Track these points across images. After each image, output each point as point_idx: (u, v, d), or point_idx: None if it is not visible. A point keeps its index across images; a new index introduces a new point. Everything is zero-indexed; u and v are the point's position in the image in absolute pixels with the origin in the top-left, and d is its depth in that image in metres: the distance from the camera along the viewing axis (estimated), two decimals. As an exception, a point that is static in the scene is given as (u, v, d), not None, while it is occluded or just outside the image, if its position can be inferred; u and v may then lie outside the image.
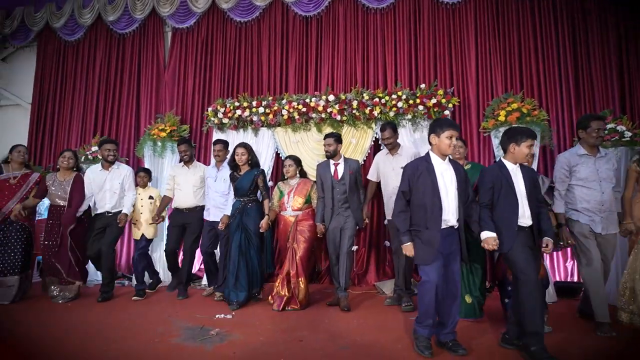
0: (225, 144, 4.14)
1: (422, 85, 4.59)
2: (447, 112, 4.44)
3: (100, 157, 4.30)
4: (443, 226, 2.36)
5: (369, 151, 4.73)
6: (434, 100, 4.44)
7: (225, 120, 4.98)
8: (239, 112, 4.93)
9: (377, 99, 4.58)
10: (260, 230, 3.63)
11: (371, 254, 4.83)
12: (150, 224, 4.16)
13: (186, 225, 4.14)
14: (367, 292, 4.23)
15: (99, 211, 4.08)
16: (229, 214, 3.77)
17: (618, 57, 4.55)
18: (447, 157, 2.48)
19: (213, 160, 4.27)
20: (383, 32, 5.19)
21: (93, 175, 4.11)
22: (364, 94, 4.65)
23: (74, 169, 4.10)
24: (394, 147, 3.66)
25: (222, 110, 4.99)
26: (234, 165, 3.80)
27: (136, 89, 5.94)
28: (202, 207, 4.15)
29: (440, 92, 4.47)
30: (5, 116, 6.51)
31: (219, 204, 3.94)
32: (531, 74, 4.72)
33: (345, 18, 5.33)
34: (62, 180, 4.01)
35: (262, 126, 4.95)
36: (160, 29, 6.01)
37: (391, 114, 4.53)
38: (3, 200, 3.75)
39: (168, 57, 5.92)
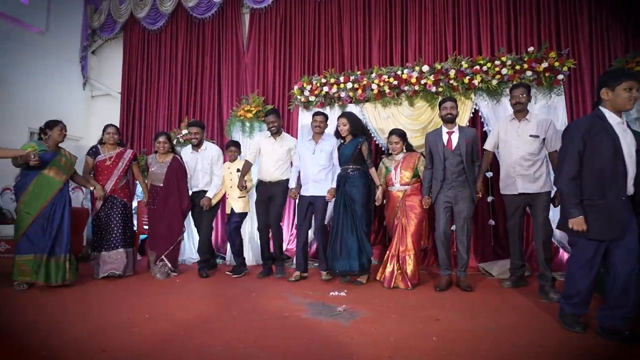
0: (326, 116, 3.98)
1: (531, 48, 4.16)
2: (560, 77, 3.99)
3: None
4: (625, 195, 2.04)
5: (468, 124, 4.40)
6: (545, 64, 3.99)
7: (312, 98, 4.87)
8: (325, 88, 4.78)
9: (477, 67, 4.22)
10: (376, 204, 3.49)
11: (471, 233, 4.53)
12: (239, 197, 4.16)
13: (271, 198, 4.01)
14: (469, 274, 3.94)
15: (194, 190, 4.18)
16: (335, 187, 3.67)
17: None
18: (623, 116, 2.15)
19: (304, 137, 4.16)
20: (477, -4, 4.78)
21: (185, 157, 4.24)
22: (462, 62, 4.31)
23: (171, 150, 4.19)
24: (522, 111, 3.28)
25: (309, 87, 4.88)
26: (338, 136, 3.75)
27: (217, 72, 6.01)
28: (287, 181, 4.02)
29: (553, 54, 4.01)
30: (98, 106, 6.89)
31: (318, 178, 3.79)
32: (659, 30, 4.11)
33: (433, -16, 4.97)
34: (162, 162, 4.11)
35: (350, 102, 4.77)
36: (238, 11, 6.00)
37: (494, 82, 4.15)
38: (103, 180, 3.89)
39: (247, 39, 5.90)
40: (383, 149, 4.52)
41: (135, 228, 4.44)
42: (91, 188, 3.85)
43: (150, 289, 3.33)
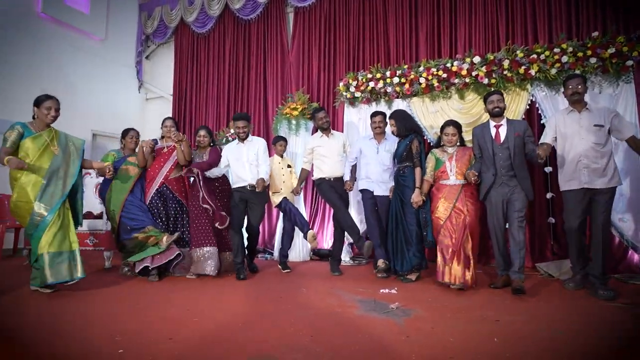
0: (384, 115, 3.92)
1: (595, 33, 3.87)
2: (630, 63, 3.68)
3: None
4: None
5: (523, 116, 4.17)
6: (611, 50, 3.70)
7: (358, 94, 4.83)
8: (371, 84, 4.73)
9: (534, 56, 3.99)
10: (413, 206, 3.40)
11: (525, 231, 4.31)
12: (291, 192, 4.21)
13: (342, 194, 3.99)
14: (526, 274, 3.72)
15: (238, 184, 4.04)
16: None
17: None
18: None
19: (366, 133, 4.08)
20: (532, -20, 4.51)
21: (230, 148, 4.14)
22: (517, 51, 4.09)
23: (211, 144, 4.24)
24: (580, 102, 3.08)
25: (354, 83, 4.84)
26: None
27: (263, 71, 6.13)
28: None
29: (621, 38, 3.71)
30: (153, 107, 7.26)
31: (383, 179, 3.78)
32: None
33: (484, -29, 4.75)
34: (202, 155, 4.22)
35: (397, 97, 4.69)
36: (283, 10, 6.08)
37: (553, 71, 3.91)
38: (157, 166, 3.97)
39: (291, 38, 5.97)
40: (432, 144, 4.39)
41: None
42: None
43: (201, 283, 3.46)
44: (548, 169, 4.04)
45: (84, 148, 3.28)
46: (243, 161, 3.97)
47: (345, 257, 4.66)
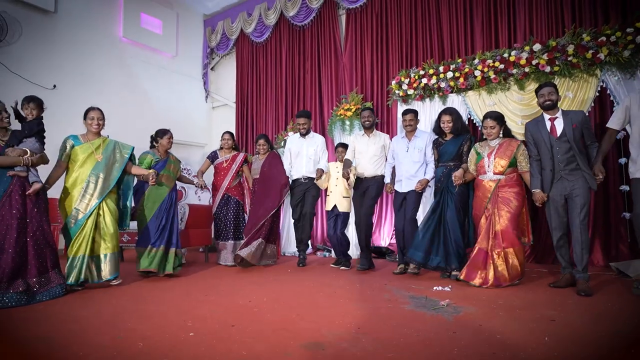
0: (415, 113, 3.94)
1: (676, 7, 3.49)
2: None
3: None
4: None
5: (592, 105, 3.89)
6: (698, 24, 3.32)
7: (410, 92, 4.83)
8: (424, 80, 4.69)
9: (603, 38, 3.70)
10: (453, 181, 3.35)
11: (597, 227, 4.02)
12: (344, 197, 4.31)
13: (366, 191, 4.07)
14: (595, 273, 3.50)
15: (295, 177, 4.42)
16: (429, 178, 3.71)
17: None
18: None
19: (401, 134, 4.12)
20: (601, -46, 4.16)
21: (292, 142, 4.56)
22: (584, 35, 3.81)
23: (270, 149, 4.68)
24: None
25: (407, 81, 4.84)
26: (439, 132, 3.67)
27: (317, 75, 6.32)
28: (382, 176, 4.08)
29: None
30: (219, 115, 7.83)
31: (412, 175, 3.80)
32: None
33: (546, -48, 4.47)
34: (262, 159, 4.57)
35: (451, 92, 4.60)
36: (335, 13, 6.22)
37: (626, 53, 3.60)
38: (220, 179, 4.52)
39: (344, 41, 6.09)
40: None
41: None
42: (195, 182, 4.42)
43: (262, 275, 3.73)
44: (622, 160, 3.72)
45: (133, 154, 3.54)
46: (303, 154, 4.34)
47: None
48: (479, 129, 4.38)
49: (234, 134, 4.77)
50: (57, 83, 5.69)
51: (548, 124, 3.13)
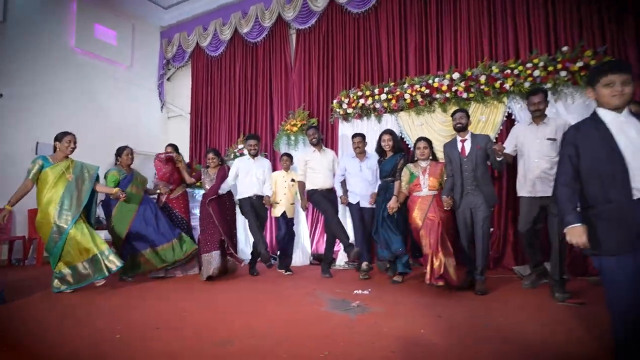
0: (363, 136, 4.36)
1: (565, 48, 4.09)
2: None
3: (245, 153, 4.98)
4: (636, 195, 1.71)
5: (501, 127, 4.43)
6: (579, 64, 3.91)
7: (350, 110, 5.23)
8: (362, 101, 5.12)
9: (508, 71, 4.25)
10: (389, 211, 3.77)
11: (507, 235, 4.55)
12: (291, 204, 4.64)
13: (328, 204, 4.36)
14: (504, 276, 4.01)
15: (244, 195, 4.60)
16: (375, 192, 4.16)
17: None
18: (627, 109, 1.84)
19: (347, 152, 4.48)
20: (513, -2, 4.75)
21: (241, 163, 4.71)
22: (493, 67, 4.36)
23: (220, 164, 4.84)
24: (541, 116, 3.34)
25: (346, 101, 5.25)
26: (380, 151, 4.11)
27: (269, 90, 6.64)
28: (334, 189, 4.48)
29: (588, 52, 3.91)
30: (173, 126, 7.97)
31: (364, 193, 4.21)
32: None
33: (468, -10, 5.03)
34: (212, 174, 4.78)
35: (385, 112, 5.05)
36: (286, 33, 6.57)
37: (526, 84, 4.16)
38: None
39: (294, 59, 6.45)
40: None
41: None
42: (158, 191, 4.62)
43: (204, 282, 3.98)
44: None
45: (98, 174, 3.89)
46: (252, 175, 4.57)
47: (341, 261, 5.05)
48: (410, 147, 4.83)
49: (178, 147, 4.94)
50: (4, 92, 5.68)
51: (459, 145, 3.61)
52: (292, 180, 4.77)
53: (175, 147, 4.85)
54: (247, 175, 4.65)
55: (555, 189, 1.96)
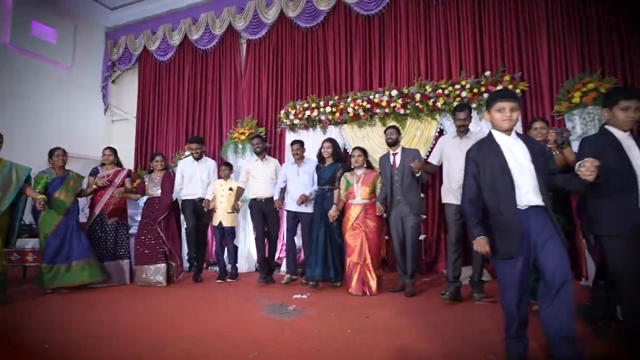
0: (301, 143, 4.53)
1: (487, 73, 4.55)
2: (514, 98, 4.35)
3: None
4: (522, 207, 2.00)
5: (434, 142, 4.81)
6: (499, 87, 4.37)
7: (296, 121, 5.42)
8: (308, 112, 5.33)
9: (440, 90, 4.65)
10: (330, 220, 3.97)
11: (440, 241, 4.92)
12: (228, 212, 4.67)
13: (265, 214, 4.56)
14: (436, 279, 4.35)
15: (189, 197, 4.68)
16: (306, 194, 4.28)
17: None
18: (514, 132, 2.12)
19: (289, 159, 4.66)
20: (446, 21, 5.20)
21: (185, 165, 4.78)
22: (427, 87, 4.74)
23: (166, 168, 4.84)
24: (465, 130, 3.63)
25: (293, 112, 5.43)
26: (320, 158, 4.27)
27: (218, 98, 6.67)
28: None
29: (507, 77, 4.39)
30: (118, 129, 7.73)
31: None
32: (613, 50, 4.39)
33: (407, 13, 5.42)
34: (157, 177, 4.73)
35: (330, 124, 5.29)
36: (237, 42, 6.65)
37: (455, 104, 4.56)
38: (100, 195, 4.44)
39: (244, 67, 6.54)
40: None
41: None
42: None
43: (147, 291, 3.95)
44: (422, 195, 4.57)
45: (29, 175, 3.72)
46: (196, 178, 4.60)
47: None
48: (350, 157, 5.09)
49: (116, 150, 4.81)
50: None
51: (391, 158, 3.90)
52: (230, 189, 4.79)
53: (113, 151, 4.72)
54: (192, 179, 4.71)
55: (462, 204, 2.23)
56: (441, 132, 4.79)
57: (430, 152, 4.67)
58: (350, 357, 2.10)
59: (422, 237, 4.73)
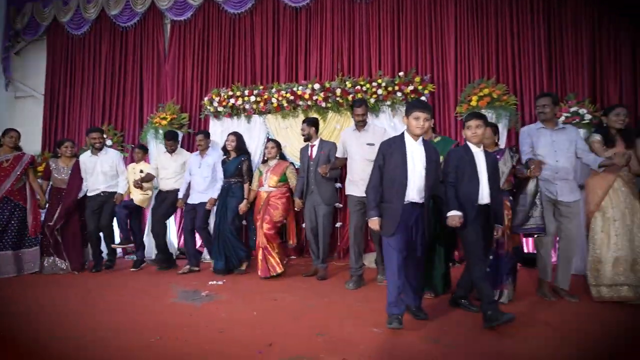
0: (206, 134, 4.55)
1: (401, 73, 4.91)
2: (423, 98, 4.75)
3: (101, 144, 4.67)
4: (406, 201, 2.49)
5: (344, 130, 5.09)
6: (411, 87, 4.75)
7: (220, 109, 5.38)
8: (232, 101, 5.31)
9: (358, 87, 4.91)
10: (240, 213, 4.08)
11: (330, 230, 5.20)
12: (141, 194, 4.57)
13: (164, 200, 4.56)
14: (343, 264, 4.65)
15: (92, 193, 4.49)
16: (215, 197, 4.27)
17: (590, 44, 4.75)
18: (420, 138, 2.56)
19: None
20: (368, 21, 5.48)
21: (84, 159, 4.55)
22: (347, 82, 4.98)
23: (75, 156, 4.58)
24: (363, 124, 3.83)
25: (217, 99, 5.38)
26: (225, 151, 4.27)
27: (139, 79, 6.36)
28: (178, 190, 4.55)
29: (417, 79, 4.78)
30: (22, 107, 7.01)
31: (201, 189, 4.35)
32: (506, 60, 4.98)
33: (332, 8, 5.61)
34: (64, 166, 4.48)
35: (254, 113, 5.34)
36: (160, 22, 6.37)
37: (372, 100, 4.85)
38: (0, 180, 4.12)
39: (168, 49, 6.30)
40: (287, 158, 5.10)
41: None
42: None
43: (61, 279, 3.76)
44: (338, 185, 4.93)
45: None
46: (97, 172, 4.39)
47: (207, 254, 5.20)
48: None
49: (20, 132, 4.44)
50: None
51: (309, 150, 4.08)
52: (141, 171, 4.68)
53: (17, 134, 4.36)
54: (93, 173, 4.49)
55: (367, 189, 2.69)
56: (360, 126, 5.08)
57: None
58: (250, 336, 2.26)
59: (338, 224, 5.03)
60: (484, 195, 2.60)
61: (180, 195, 4.49)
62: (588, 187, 3.26)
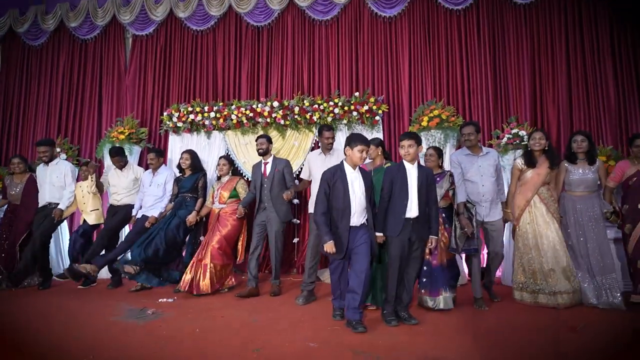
0: (157, 152, 4.58)
1: (356, 94, 5.10)
2: (377, 118, 4.96)
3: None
4: (351, 225, 2.79)
5: (310, 152, 5.22)
6: (366, 107, 4.94)
7: (180, 124, 5.39)
8: (192, 116, 5.34)
9: (316, 106, 5.07)
10: (187, 225, 4.09)
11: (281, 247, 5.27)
12: (91, 210, 4.48)
13: (114, 214, 4.49)
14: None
15: (41, 204, 4.43)
16: (157, 215, 4.27)
17: (531, 67, 5.12)
18: (357, 167, 2.89)
19: (173, 157, 4.65)
20: (328, 42, 5.68)
21: (38, 171, 4.53)
22: (305, 101, 5.13)
23: (30, 170, 4.48)
24: (330, 148, 4.00)
25: (177, 114, 5.39)
26: (180, 169, 4.31)
27: (98, 92, 6.28)
28: (132, 206, 4.51)
29: (372, 99, 4.98)
30: (-29, 117, 6.75)
31: (148, 205, 4.36)
32: (456, 82, 5.28)
33: (293, 29, 5.79)
34: (18, 182, 4.39)
35: (214, 129, 5.38)
36: (121, 35, 6.35)
37: (329, 119, 5.02)
38: None
39: (129, 62, 6.27)
40: (241, 171, 5.16)
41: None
42: None
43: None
44: (296, 201, 5.07)
45: None
46: (46, 183, 4.32)
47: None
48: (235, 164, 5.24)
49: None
50: None
51: (262, 167, 4.17)
52: (90, 192, 4.57)
53: None
54: (43, 184, 4.45)
55: (315, 215, 2.91)
56: (317, 144, 5.22)
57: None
58: (189, 353, 2.28)
59: (295, 240, 5.10)
60: (412, 208, 2.84)
61: (134, 212, 4.45)
62: (513, 202, 3.63)
